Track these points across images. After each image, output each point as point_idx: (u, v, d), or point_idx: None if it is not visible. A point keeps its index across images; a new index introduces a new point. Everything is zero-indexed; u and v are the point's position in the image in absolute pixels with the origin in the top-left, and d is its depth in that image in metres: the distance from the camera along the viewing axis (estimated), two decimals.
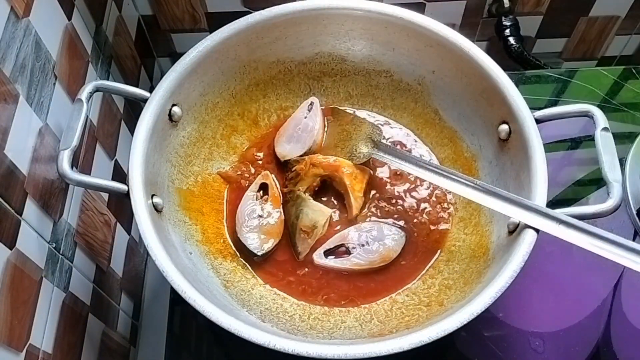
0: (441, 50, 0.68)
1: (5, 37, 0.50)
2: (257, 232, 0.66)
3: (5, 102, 0.50)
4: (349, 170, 0.68)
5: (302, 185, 0.68)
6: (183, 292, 0.53)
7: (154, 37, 0.90)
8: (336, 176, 0.68)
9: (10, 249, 0.49)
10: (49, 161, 0.57)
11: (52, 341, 0.56)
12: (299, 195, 0.67)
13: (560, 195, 0.78)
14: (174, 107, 0.65)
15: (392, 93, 0.75)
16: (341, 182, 0.68)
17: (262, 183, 0.69)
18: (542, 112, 0.61)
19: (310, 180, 0.68)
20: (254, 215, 0.67)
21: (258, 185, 0.69)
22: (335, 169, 0.68)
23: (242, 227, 0.66)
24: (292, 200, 0.67)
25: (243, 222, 0.67)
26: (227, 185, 0.71)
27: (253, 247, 0.65)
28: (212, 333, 0.72)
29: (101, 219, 0.69)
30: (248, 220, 0.67)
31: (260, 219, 0.67)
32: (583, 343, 0.69)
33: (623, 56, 1.01)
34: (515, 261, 0.54)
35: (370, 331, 0.61)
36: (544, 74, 0.89)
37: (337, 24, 0.70)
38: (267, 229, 0.66)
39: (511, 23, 0.90)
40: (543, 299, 0.72)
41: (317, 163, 0.68)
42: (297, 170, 0.68)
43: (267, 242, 0.66)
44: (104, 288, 0.68)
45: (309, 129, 0.71)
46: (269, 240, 0.66)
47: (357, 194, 0.68)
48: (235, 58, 0.69)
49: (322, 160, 0.69)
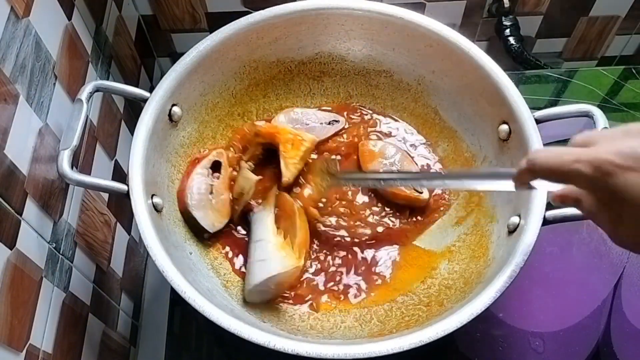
0: (441, 50, 0.68)
1: (5, 37, 0.50)
2: (209, 209, 0.66)
3: (5, 102, 0.50)
4: (289, 135, 0.67)
5: (246, 155, 0.68)
6: (183, 292, 0.53)
7: (154, 37, 0.90)
8: (275, 143, 0.67)
9: (10, 249, 0.49)
10: (49, 161, 0.57)
11: (52, 341, 0.56)
12: (241, 166, 0.67)
13: None
14: (174, 107, 0.65)
15: (392, 93, 0.75)
16: (277, 149, 0.68)
17: (215, 160, 0.68)
18: (542, 112, 0.61)
19: (253, 149, 0.68)
20: (204, 191, 0.66)
21: (211, 162, 0.68)
22: (272, 136, 0.67)
23: (192, 201, 0.65)
24: (237, 172, 0.68)
25: (191, 197, 0.65)
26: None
27: (204, 223, 0.65)
28: (212, 333, 0.72)
29: (101, 219, 0.69)
30: (197, 195, 0.65)
31: (210, 195, 0.66)
32: (583, 343, 0.70)
33: (623, 56, 1.01)
34: (515, 261, 0.54)
35: (370, 331, 0.61)
36: (544, 74, 0.89)
37: (337, 24, 0.70)
38: (218, 208, 0.66)
39: (511, 23, 0.90)
40: (543, 299, 0.72)
41: (258, 131, 0.68)
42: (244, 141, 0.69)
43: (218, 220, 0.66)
44: (104, 288, 0.68)
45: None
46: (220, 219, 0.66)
47: (290, 161, 0.67)
48: (235, 58, 0.69)
49: (263, 126, 0.69)
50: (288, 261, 0.61)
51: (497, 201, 0.65)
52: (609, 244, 0.75)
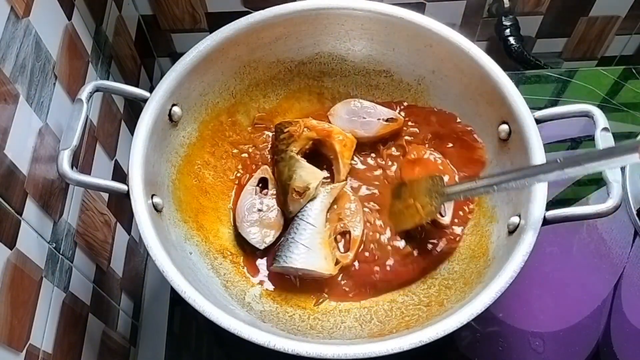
0: (441, 50, 0.68)
1: (5, 37, 0.50)
2: (258, 226, 0.66)
3: (5, 102, 0.50)
4: (340, 137, 0.69)
5: (294, 146, 0.68)
6: (183, 292, 0.53)
7: (154, 37, 0.90)
8: (327, 141, 0.69)
9: (10, 249, 0.49)
10: (49, 161, 0.57)
11: (52, 341, 0.56)
12: (292, 157, 0.67)
13: (560, 195, 0.78)
14: (174, 107, 0.65)
15: (392, 93, 0.75)
16: (332, 148, 0.69)
17: (262, 177, 0.70)
18: (542, 112, 0.61)
19: (303, 143, 0.68)
20: (254, 209, 0.67)
21: (257, 179, 0.70)
22: (328, 134, 0.69)
23: (243, 222, 0.66)
24: (284, 161, 0.68)
25: (243, 217, 0.67)
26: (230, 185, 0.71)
27: (255, 241, 0.65)
28: (212, 333, 0.72)
29: (101, 219, 0.69)
30: (248, 215, 0.67)
31: (260, 213, 0.67)
32: (583, 343, 0.70)
33: (623, 56, 1.01)
34: (515, 261, 0.54)
35: (370, 331, 0.61)
36: (544, 74, 0.89)
37: (337, 24, 0.70)
38: (267, 223, 0.66)
39: (511, 23, 0.90)
40: (543, 299, 0.72)
41: (311, 126, 0.69)
42: (290, 132, 0.68)
43: (268, 235, 0.66)
44: (104, 288, 0.68)
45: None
46: (270, 234, 0.66)
47: (346, 161, 0.69)
48: (235, 58, 0.69)
49: (315, 124, 0.69)
50: (327, 264, 0.62)
51: (497, 201, 0.65)
52: (609, 244, 0.75)
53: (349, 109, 0.73)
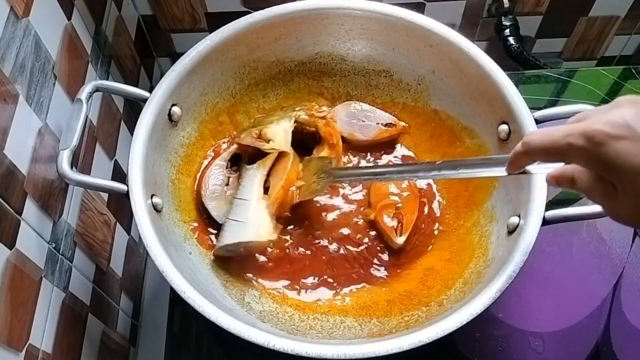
0: (441, 50, 0.68)
1: (5, 37, 0.50)
2: (222, 201, 0.65)
3: (5, 102, 0.50)
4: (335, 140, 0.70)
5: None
6: (183, 292, 0.53)
7: (153, 37, 0.90)
8: (330, 141, 0.70)
9: (10, 249, 0.49)
10: (49, 161, 0.57)
11: (51, 341, 0.55)
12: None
13: (560, 195, 0.78)
14: (174, 107, 0.65)
15: (392, 93, 0.75)
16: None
17: (235, 154, 0.68)
18: (542, 112, 0.61)
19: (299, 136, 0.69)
20: (218, 183, 0.66)
21: (231, 154, 0.68)
22: (330, 135, 0.70)
23: (206, 193, 0.65)
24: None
25: (207, 189, 0.66)
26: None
27: (215, 214, 0.65)
28: (212, 333, 0.72)
29: (101, 219, 0.69)
30: (211, 186, 0.66)
31: (225, 187, 0.66)
32: (583, 343, 0.70)
33: (623, 56, 1.01)
34: (515, 261, 0.54)
35: (369, 331, 0.61)
36: (544, 74, 0.89)
37: (337, 24, 0.70)
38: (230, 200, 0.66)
39: (511, 23, 0.90)
40: (543, 299, 0.72)
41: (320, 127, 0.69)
42: (323, 135, 0.68)
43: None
44: (104, 288, 0.68)
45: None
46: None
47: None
48: (235, 58, 0.69)
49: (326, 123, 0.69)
50: (262, 231, 0.60)
51: (497, 201, 0.65)
52: (608, 244, 0.75)
53: (348, 111, 0.73)
